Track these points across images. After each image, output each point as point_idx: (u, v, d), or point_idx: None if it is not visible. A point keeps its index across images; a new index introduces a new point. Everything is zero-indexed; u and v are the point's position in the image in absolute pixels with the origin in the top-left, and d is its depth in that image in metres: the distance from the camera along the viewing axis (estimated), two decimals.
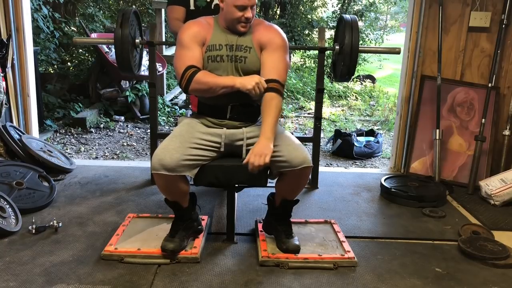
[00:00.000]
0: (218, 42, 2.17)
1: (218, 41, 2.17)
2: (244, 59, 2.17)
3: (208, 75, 2.13)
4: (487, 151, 3.37)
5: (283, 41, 2.20)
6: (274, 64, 2.14)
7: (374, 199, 3.11)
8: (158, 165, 2.04)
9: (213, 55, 2.16)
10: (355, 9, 10.33)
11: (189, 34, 2.17)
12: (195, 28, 2.19)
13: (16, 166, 2.98)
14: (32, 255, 2.23)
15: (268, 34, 2.19)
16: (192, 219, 2.31)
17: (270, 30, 2.21)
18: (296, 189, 2.25)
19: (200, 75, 2.11)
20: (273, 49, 2.16)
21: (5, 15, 3.30)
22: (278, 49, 2.17)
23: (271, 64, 2.14)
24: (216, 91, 2.11)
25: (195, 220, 2.34)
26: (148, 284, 2.02)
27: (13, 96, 3.43)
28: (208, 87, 2.10)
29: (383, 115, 6.60)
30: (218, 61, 2.16)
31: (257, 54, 2.17)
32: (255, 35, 2.19)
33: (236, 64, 2.17)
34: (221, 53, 2.16)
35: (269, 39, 2.17)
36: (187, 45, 2.15)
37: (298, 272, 2.15)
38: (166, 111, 5.86)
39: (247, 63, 2.17)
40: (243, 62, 2.17)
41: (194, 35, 2.16)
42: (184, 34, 2.18)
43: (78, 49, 6.77)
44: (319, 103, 3.13)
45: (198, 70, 2.12)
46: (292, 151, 2.10)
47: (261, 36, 2.18)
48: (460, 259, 2.34)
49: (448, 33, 3.38)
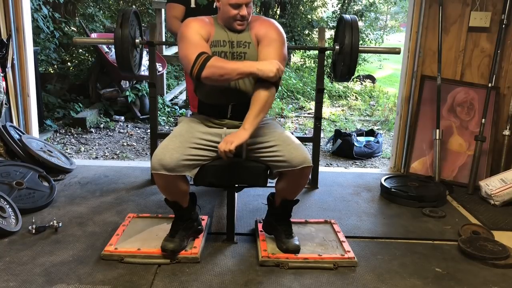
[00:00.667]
0: (222, 38, 2.19)
1: (221, 37, 2.19)
2: (244, 54, 2.19)
3: (223, 60, 2.11)
4: (487, 151, 3.37)
5: (279, 34, 2.20)
6: (270, 56, 2.13)
7: (374, 199, 3.11)
8: (157, 165, 2.04)
9: (218, 51, 2.17)
10: (355, 9, 10.33)
11: (194, 28, 2.15)
12: (198, 23, 2.18)
13: (16, 166, 2.98)
14: (32, 255, 2.23)
15: (264, 27, 2.21)
16: (192, 219, 2.31)
17: (266, 24, 2.23)
18: (296, 189, 2.25)
19: (215, 59, 2.06)
20: (269, 41, 2.17)
21: (5, 15, 3.30)
22: (273, 42, 2.17)
23: (266, 56, 2.13)
24: (231, 77, 2.06)
25: (195, 220, 2.34)
26: (148, 284, 2.02)
27: (13, 96, 3.43)
28: (224, 71, 2.03)
29: (383, 115, 6.60)
30: (222, 57, 2.16)
31: (256, 49, 2.19)
32: (253, 30, 2.21)
33: (235, 60, 2.17)
34: (225, 49, 2.18)
35: (265, 32, 2.19)
36: (193, 38, 2.12)
37: (298, 272, 2.15)
38: (166, 111, 5.86)
39: (247, 58, 2.18)
40: (243, 57, 2.18)
41: (198, 29, 2.15)
42: (188, 29, 2.15)
43: (78, 49, 6.77)
44: (319, 103, 3.13)
45: (211, 56, 2.09)
46: (292, 151, 2.09)
47: (258, 30, 2.21)
48: (460, 259, 2.34)
49: (448, 33, 3.38)
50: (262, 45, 2.18)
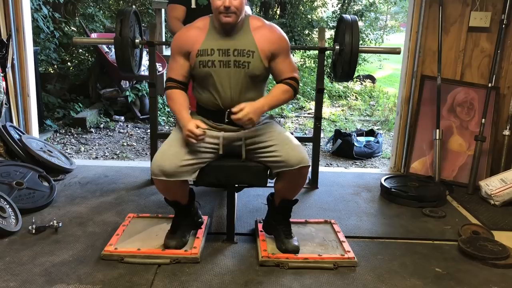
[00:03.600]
0: (210, 47, 2.14)
1: (209, 46, 2.14)
2: (248, 64, 2.13)
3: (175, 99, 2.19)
4: (487, 151, 3.37)
5: (288, 43, 2.24)
6: (290, 67, 2.22)
7: (374, 199, 3.11)
8: (157, 171, 2.06)
9: (204, 60, 2.13)
10: (355, 9, 10.33)
11: (176, 44, 2.21)
12: (183, 37, 2.20)
13: (16, 166, 2.98)
14: (32, 255, 2.23)
15: (275, 40, 2.17)
16: (192, 213, 2.34)
17: (274, 34, 2.19)
18: (294, 189, 2.25)
19: (170, 94, 2.21)
20: (285, 55, 2.21)
21: (5, 15, 3.30)
22: (288, 53, 2.23)
23: (287, 68, 2.22)
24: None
25: (195, 214, 2.37)
26: (148, 284, 2.02)
27: (13, 96, 3.43)
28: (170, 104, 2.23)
29: (383, 115, 6.60)
30: (210, 66, 2.13)
31: (261, 58, 2.14)
32: (258, 38, 2.15)
33: (236, 69, 2.14)
34: (213, 58, 2.13)
35: (279, 47, 2.18)
36: (173, 55, 2.23)
37: (298, 272, 2.15)
38: (166, 111, 5.86)
39: (251, 68, 2.14)
40: (247, 67, 2.13)
41: (180, 46, 2.20)
42: (173, 43, 2.23)
43: (78, 49, 6.77)
44: (319, 103, 3.13)
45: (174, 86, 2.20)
46: (289, 151, 2.10)
47: (268, 43, 2.15)
48: (460, 259, 2.34)
49: (448, 33, 3.38)
50: (280, 59, 2.19)
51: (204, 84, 2.20)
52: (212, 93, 2.18)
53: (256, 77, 2.17)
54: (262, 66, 2.15)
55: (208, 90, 2.19)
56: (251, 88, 2.18)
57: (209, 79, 2.16)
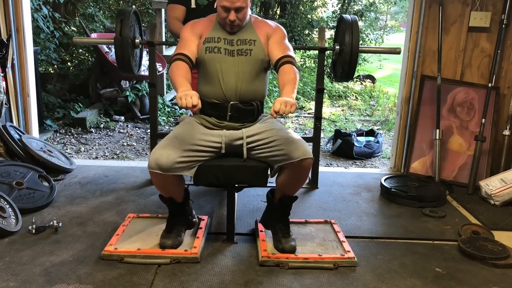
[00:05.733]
0: (217, 35, 2.30)
1: (217, 34, 2.31)
2: (250, 51, 2.28)
3: (178, 68, 2.21)
4: (487, 151, 3.37)
5: (285, 32, 2.40)
6: (282, 46, 2.31)
7: (374, 199, 3.11)
8: (154, 164, 2.06)
9: (211, 46, 2.28)
10: (355, 9, 10.33)
11: (188, 28, 2.35)
12: (194, 22, 2.38)
13: (16, 166, 2.98)
14: (32, 255, 2.23)
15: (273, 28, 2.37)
16: (186, 212, 2.35)
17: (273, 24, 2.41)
18: (296, 183, 2.23)
19: (176, 63, 2.23)
20: (280, 38, 2.34)
21: (5, 15, 3.30)
22: (283, 38, 2.35)
23: (280, 46, 2.30)
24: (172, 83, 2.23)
25: (189, 213, 2.38)
26: (148, 284, 2.02)
27: (13, 96, 3.43)
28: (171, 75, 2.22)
29: (383, 115, 6.60)
30: (216, 52, 2.26)
31: (262, 46, 2.30)
32: (260, 30, 2.33)
33: (240, 58, 2.27)
34: (219, 45, 2.28)
35: (275, 31, 2.35)
36: (184, 38, 2.32)
37: (298, 272, 2.15)
38: (166, 111, 5.86)
39: (253, 54, 2.28)
40: (249, 54, 2.28)
41: (192, 28, 2.34)
42: (184, 30, 2.36)
43: (78, 49, 6.76)
44: (319, 103, 3.13)
45: (181, 58, 2.23)
46: (291, 144, 2.11)
47: (266, 30, 2.34)
48: (460, 259, 2.34)
49: (448, 33, 3.38)
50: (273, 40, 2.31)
51: (208, 71, 2.28)
52: (216, 82, 2.26)
53: (259, 65, 2.30)
54: (264, 54, 2.30)
55: (213, 79, 2.27)
56: (254, 77, 2.30)
57: (214, 65, 2.26)
